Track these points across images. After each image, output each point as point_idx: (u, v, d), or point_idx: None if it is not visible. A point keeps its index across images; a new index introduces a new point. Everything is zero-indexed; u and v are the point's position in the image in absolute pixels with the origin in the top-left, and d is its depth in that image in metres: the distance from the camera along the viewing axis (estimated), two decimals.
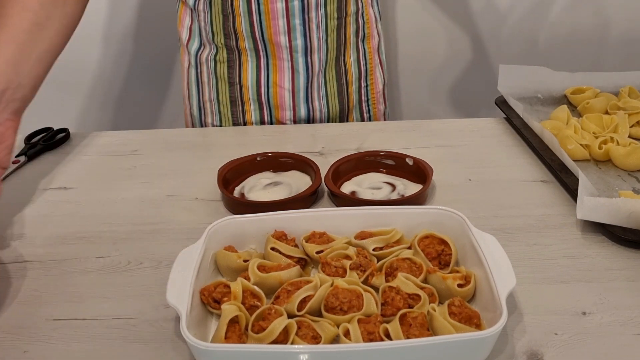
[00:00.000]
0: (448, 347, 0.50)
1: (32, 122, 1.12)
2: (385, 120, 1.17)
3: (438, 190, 0.82)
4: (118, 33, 1.45)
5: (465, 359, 0.52)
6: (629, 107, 0.96)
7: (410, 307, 0.56)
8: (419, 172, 0.82)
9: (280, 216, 0.66)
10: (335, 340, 0.54)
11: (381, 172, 0.85)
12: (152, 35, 1.46)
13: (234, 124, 1.08)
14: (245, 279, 0.58)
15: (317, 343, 0.52)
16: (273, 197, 0.78)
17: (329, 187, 0.79)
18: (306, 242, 0.64)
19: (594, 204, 0.68)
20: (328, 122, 1.09)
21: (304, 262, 0.64)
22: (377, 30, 1.09)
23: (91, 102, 1.54)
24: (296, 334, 0.52)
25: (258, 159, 0.86)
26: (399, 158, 0.85)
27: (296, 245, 0.65)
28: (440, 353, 0.50)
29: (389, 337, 0.52)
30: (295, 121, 1.07)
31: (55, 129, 1.03)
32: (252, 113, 1.06)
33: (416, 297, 0.56)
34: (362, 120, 1.13)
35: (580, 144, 0.86)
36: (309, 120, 1.08)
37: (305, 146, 0.96)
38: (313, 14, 0.97)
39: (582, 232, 0.71)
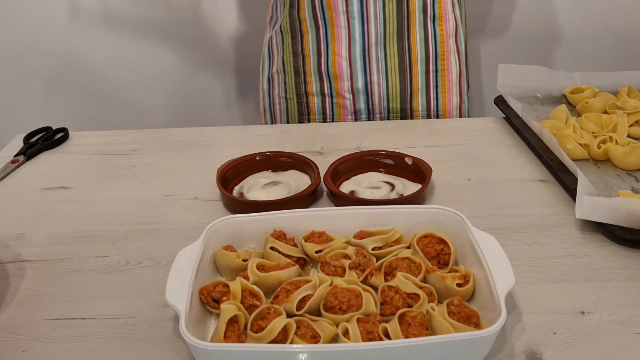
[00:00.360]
0: (447, 347, 0.50)
1: (31, 121, 1.13)
2: (460, 116, 1.12)
3: (437, 190, 0.82)
4: (118, 33, 1.45)
5: (465, 358, 0.52)
6: (628, 106, 0.96)
7: (409, 306, 0.56)
8: (418, 171, 0.82)
9: (279, 216, 0.66)
10: (334, 339, 0.54)
11: (380, 171, 0.85)
12: (153, 35, 1.46)
13: (297, 95, 1.09)
14: (245, 278, 0.58)
15: (316, 342, 0.52)
16: (272, 197, 0.78)
17: (328, 186, 0.79)
18: (305, 241, 0.64)
19: (592, 203, 0.68)
20: (387, 100, 1.07)
21: (303, 262, 0.64)
22: (455, 15, 1.05)
23: (91, 102, 1.54)
24: (295, 333, 0.52)
25: (257, 158, 0.86)
26: (398, 157, 0.85)
27: (295, 245, 0.65)
28: (439, 352, 0.50)
29: (388, 336, 0.52)
30: (354, 93, 1.06)
31: (54, 128, 1.02)
32: (313, 85, 1.07)
33: (415, 297, 0.56)
34: (429, 108, 1.09)
35: (579, 144, 0.86)
36: (367, 93, 1.06)
37: (304, 145, 0.96)
38: None
39: (581, 231, 0.72)
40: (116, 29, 1.44)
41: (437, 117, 1.10)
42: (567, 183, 0.78)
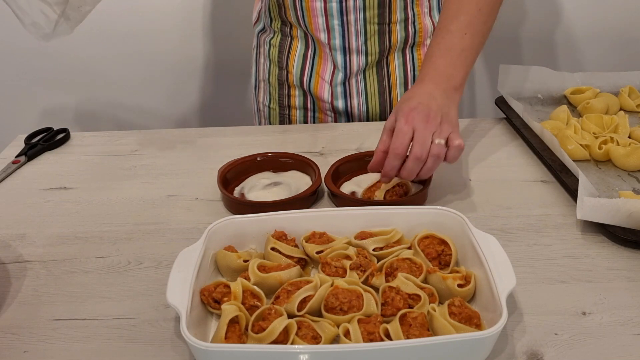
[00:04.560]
0: (448, 347, 0.50)
1: (32, 122, 1.13)
2: None
3: (438, 190, 0.82)
4: (119, 33, 1.45)
5: (466, 359, 0.52)
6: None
7: (410, 307, 0.56)
8: None
9: (280, 216, 0.66)
10: (335, 340, 0.54)
11: (381, 172, 0.84)
12: (153, 35, 1.46)
13: (280, 106, 1.10)
14: (245, 279, 0.58)
15: (317, 343, 0.52)
16: (273, 197, 0.78)
17: (329, 187, 0.79)
18: (306, 242, 0.64)
19: (594, 204, 0.68)
20: (368, 120, 1.08)
21: (304, 262, 0.64)
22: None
23: (91, 102, 1.55)
24: (296, 334, 0.52)
25: (258, 159, 0.86)
26: None
27: (296, 246, 0.65)
28: (440, 353, 0.50)
29: (389, 337, 0.52)
30: (335, 112, 1.08)
31: (55, 129, 1.02)
32: (297, 98, 1.08)
33: (416, 297, 0.56)
34: None
35: (580, 144, 0.86)
36: (348, 115, 1.08)
37: (305, 146, 0.96)
38: (352, 17, 0.98)
39: (582, 232, 0.71)
40: (118, 29, 1.45)
41: None
42: (568, 184, 0.78)
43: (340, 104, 1.06)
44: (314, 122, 1.10)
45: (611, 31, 1.47)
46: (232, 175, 0.84)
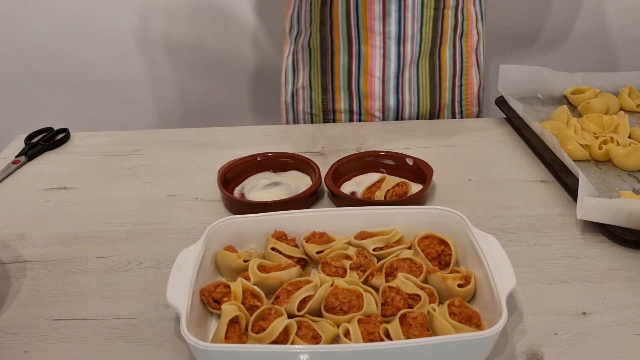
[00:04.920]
0: (448, 347, 0.50)
1: (32, 122, 1.13)
2: None
3: (438, 190, 0.82)
4: (119, 33, 1.45)
5: (466, 359, 0.52)
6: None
7: (410, 307, 0.56)
8: (419, 172, 0.82)
9: (280, 216, 0.66)
10: (335, 340, 0.54)
11: (381, 172, 0.85)
12: (153, 35, 1.46)
13: (324, 111, 1.09)
14: (246, 279, 0.58)
15: (317, 343, 0.52)
16: (273, 197, 0.78)
17: (329, 187, 0.79)
18: (306, 242, 0.64)
19: (594, 204, 0.68)
20: (418, 117, 1.08)
21: (304, 262, 0.64)
22: (477, 29, 1.06)
23: (91, 102, 1.55)
24: (296, 334, 0.52)
25: (258, 159, 0.86)
26: (399, 158, 0.85)
27: (296, 245, 0.65)
28: (440, 353, 0.50)
29: (389, 337, 0.52)
30: (384, 112, 1.07)
31: (55, 129, 1.02)
32: (342, 102, 1.07)
33: (416, 297, 0.56)
34: None
35: (581, 144, 0.86)
36: (398, 112, 1.07)
37: (305, 146, 0.96)
38: (410, 1, 0.97)
39: (582, 232, 0.71)
40: (118, 28, 1.45)
41: None
42: (569, 184, 0.78)
43: (392, 99, 1.05)
44: None
45: (611, 31, 1.47)
46: (232, 175, 0.84)
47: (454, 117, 1.10)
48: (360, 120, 1.08)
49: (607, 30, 1.47)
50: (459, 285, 0.58)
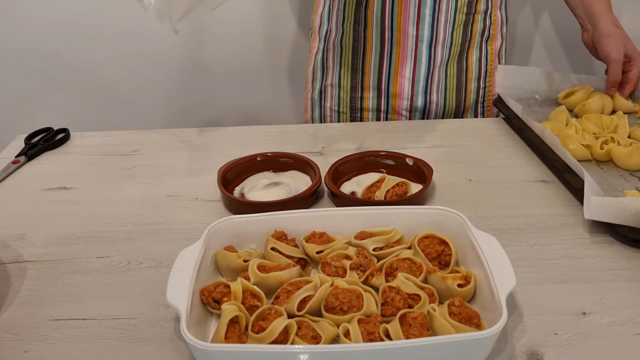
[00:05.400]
0: (448, 347, 0.50)
1: (32, 122, 1.13)
2: None
3: (438, 190, 0.82)
4: (119, 33, 1.45)
5: (465, 359, 0.52)
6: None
7: (410, 307, 0.56)
8: (419, 172, 0.82)
9: (280, 216, 0.66)
10: (335, 340, 0.54)
11: (381, 172, 0.85)
12: (153, 35, 1.46)
13: (351, 109, 1.11)
14: (245, 279, 0.58)
15: (317, 343, 0.52)
16: (273, 197, 0.78)
17: (329, 187, 0.79)
18: (306, 242, 0.64)
19: (601, 203, 0.68)
20: (443, 116, 1.10)
21: (304, 262, 0.64)
22: (502, 33, 1.09)
23: (91, 102, 1.55)
24: (296, 334, 0.52)
25: (258, 159, 0.86)
26: (399, 158, 0.85)
27: (296, 245, 0.65)
28: (440, 353, 0.50)
29: (389, 337, 0.52)
30: (411, 111, 1.09)
31: (55, 129, 1.02)
32: (370, 100, 1.09)
33: (416, 297, 0.56)
34: None
35: (582, 144, 0.86)
36: (424, 111, 1.09)
37: (305, 146, 0.96)
38: (444, 6, 0.99)
39: (582, 232, 0.71)
40: (118, 28, 1.44)
41: None
42: (572, 184, 0.78)
43: (420, 100, 1.07)
44: None
45: None
46: (232, 175, 0.84)
47: (476, 117, 1.13)
48: (387, 119, 1.11)
49: None
50: (459, 285, 0.58)
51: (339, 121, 1.14)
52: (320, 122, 1.16)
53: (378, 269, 0.61)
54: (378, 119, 1.11)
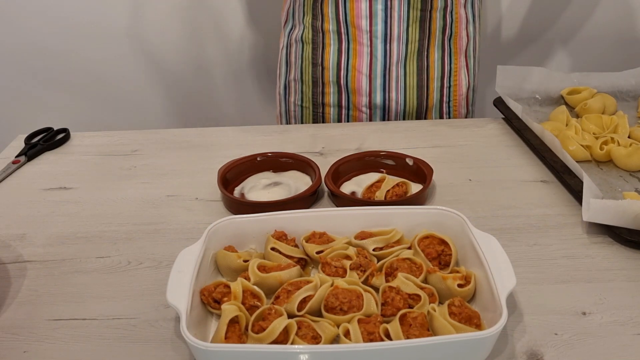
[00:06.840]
0: (448, 347, 0.50)
1: (32, 122, 1.13)
2: None
3: (438, 191, 0.82)
4: (119, 33, 1.45)
5: (466, 359, 0.52)
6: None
7: (410, 307, 0.56)
8: (419, 172, 0.82)
9: (280, 216, 0.66)
10: (335, 340, 0.54)
11: (381, 172, 0.85)
12: (153, 35, 1.46)
13: (314, 104, 1.10)
14: (246, 279, 0.58)
15: (317, 343, 0.52)
16: (273, 197, 0.78)
17: (329, 187, 0.79)
18: (306, 242, 0.64)
19: (600, 206, 0.68)
20: (404, 116, 1.09)
21: (304, 262, 0.64)
22: (468, 31, 1.07)
23: (91, 102, 1.55)
24: (296, 334, 0.52)
25: (258, 159, 0.86)
26: (399, 158, 0.85)
27: (296, 245, 0.65)
28: (440, 353, 0.50)
29: (389, 337, 0.52)
30: (371, 108, 1.08)
31: (55, 129, 1.02)
32: (331, 96, 1.08)
33: (416, 297, 0.56)
34: None
35: (582, 145, 0.86)
36: (385, 109, 1.08)
37: (305, 146, 0.96)
38: (396, 2, 0.99)
39: (582, 232, 0.71)
40: (118, 28, 1.45)
41: None
42: (572, 185, 0.78)
43: (378, 97, 1.06)
44: (347, 121, 1.10)
45: (611, 31, 1.47)
46: (232, 175, 0.84)
47: (441, 117, 1.11)
48: (348, 115, 1.10)
49: (607, 30, 1.47)
50: (459, 285, 0.58)
51: (302, 117, 1.13)
52: (286, 117, 1.16)
53: (378, 269, 0.61)
54: (339, 115, 1.10)
